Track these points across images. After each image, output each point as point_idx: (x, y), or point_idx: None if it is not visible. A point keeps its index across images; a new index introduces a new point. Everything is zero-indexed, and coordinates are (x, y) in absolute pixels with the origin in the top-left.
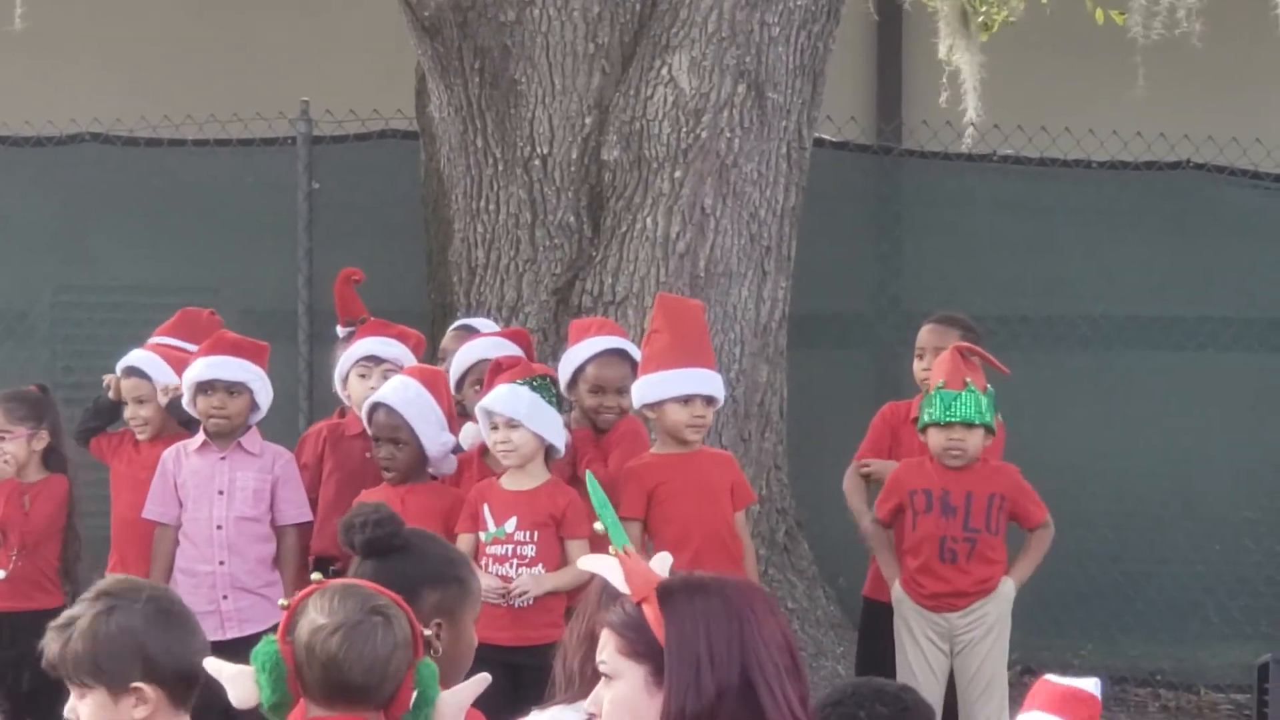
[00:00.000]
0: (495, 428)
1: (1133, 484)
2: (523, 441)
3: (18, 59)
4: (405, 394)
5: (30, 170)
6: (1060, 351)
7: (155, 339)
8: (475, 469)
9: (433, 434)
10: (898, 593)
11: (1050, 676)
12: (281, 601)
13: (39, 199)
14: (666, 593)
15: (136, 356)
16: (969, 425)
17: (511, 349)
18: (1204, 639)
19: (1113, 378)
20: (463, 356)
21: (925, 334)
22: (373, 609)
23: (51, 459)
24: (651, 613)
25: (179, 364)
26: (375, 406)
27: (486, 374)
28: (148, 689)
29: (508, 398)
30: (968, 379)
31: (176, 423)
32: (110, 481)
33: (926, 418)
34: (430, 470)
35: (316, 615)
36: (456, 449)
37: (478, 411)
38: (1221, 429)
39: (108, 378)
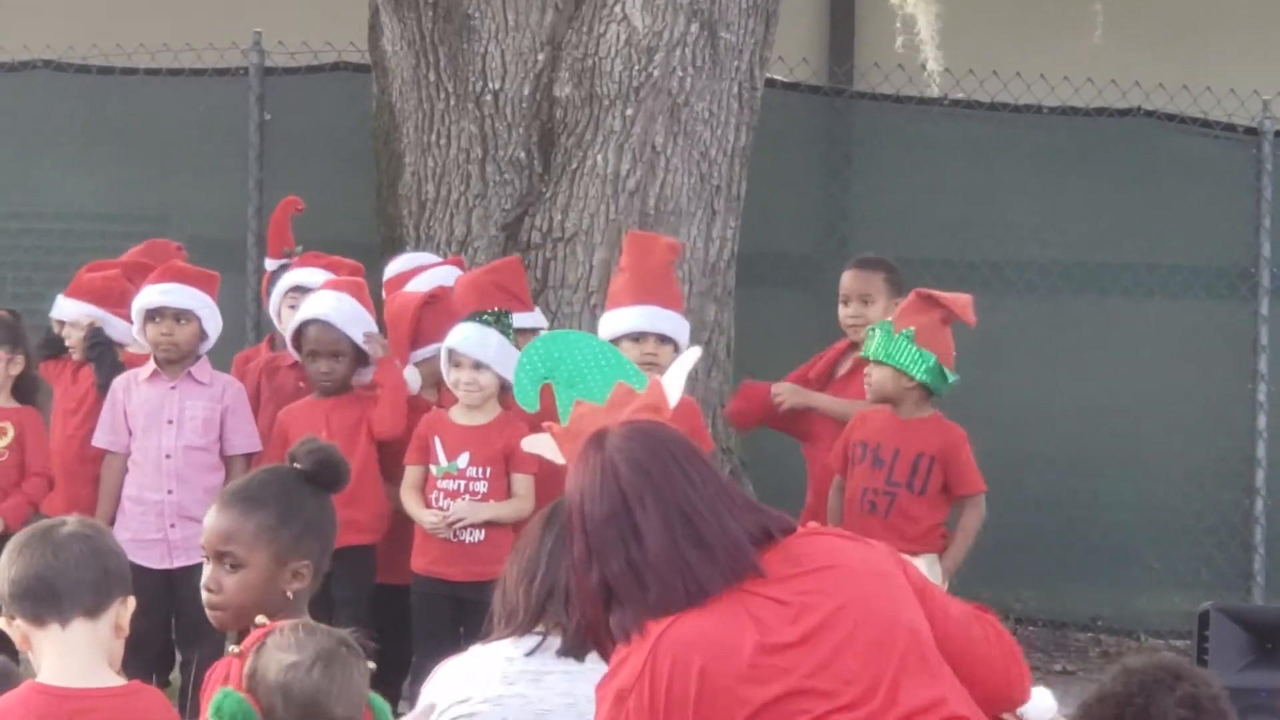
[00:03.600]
0: (458, 366)
1: (1077, 430)
2: (488, 383)
3: None
4: (339, 306)
5: None
6: (1008, 296)
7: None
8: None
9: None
10: None
11: None
12: (231, 648)
13: None
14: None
15: (58, 306)
16: (876, 362)
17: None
18: (1144, 585)
19: (1060, 323)
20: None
21: (847, 278)
22: (340, 640)
23: (22, 385)
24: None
25: (102, 290)
26: (308, 323)
27: (418, 307)
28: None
29: (476, 339)
30: (889, 319)
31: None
32: (51, 410)
33: None
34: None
35: (284, 654)
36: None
37: (443, 351)
38: (1167, 376)
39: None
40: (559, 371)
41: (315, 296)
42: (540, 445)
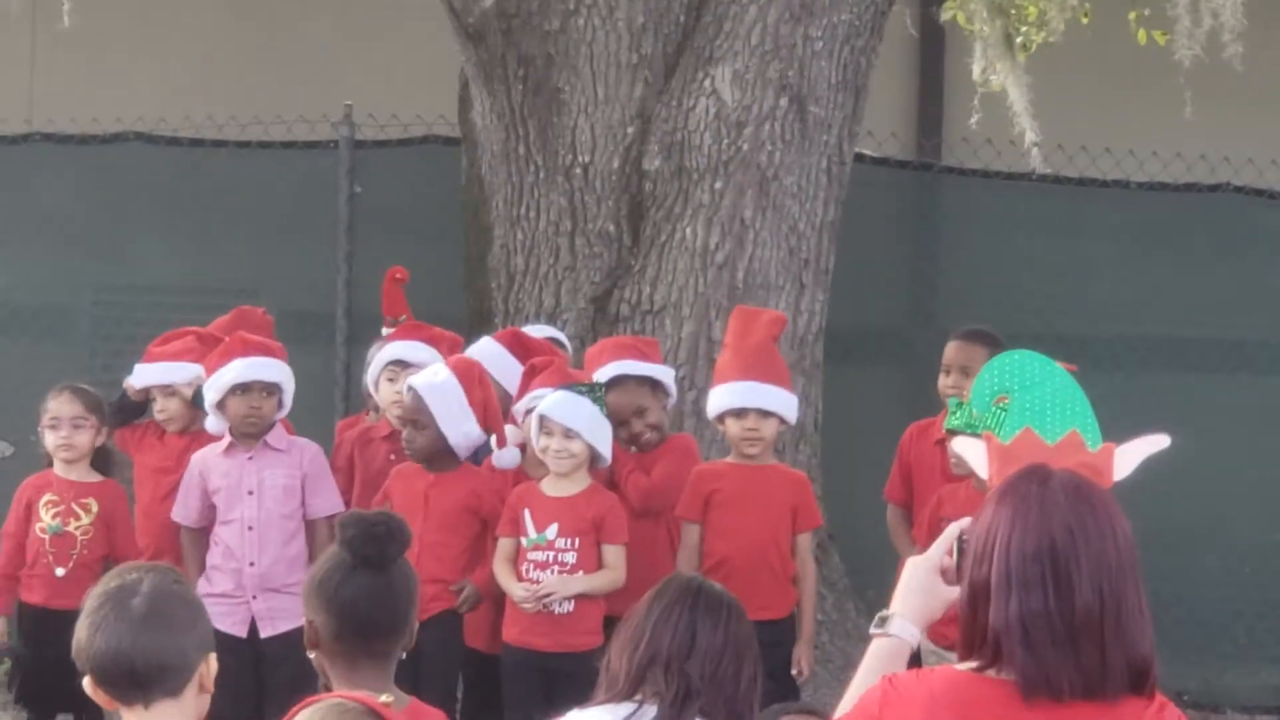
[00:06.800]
0: (549, 434)
1: (1164, 505)
2: (579, 451)
3: (64, 57)
4: (432, 380)
5: (74, 168)
6: (1096, 372)
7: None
8: (514, 472)
9: (453, 422)
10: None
11: None
12: None
13: (82, 197)
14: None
15: (150, 373)
16: (952, 432)
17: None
18: (1231, 661)
19: (1147, 399)
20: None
21: (950, 350)
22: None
23: (100, 456)
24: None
25: (192, 354)
26: (407, 389)
27: (522, 376)
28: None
29: (571, 408)
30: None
31: (203, 414)
32: (134, 474)
33: None
34: (468, 457)
35: None
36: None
37: (532, 417)
38: (1255, 452)
39: (127, 383)
40: (1023, 392)
41: (430, 367)
42: (970, 450)
